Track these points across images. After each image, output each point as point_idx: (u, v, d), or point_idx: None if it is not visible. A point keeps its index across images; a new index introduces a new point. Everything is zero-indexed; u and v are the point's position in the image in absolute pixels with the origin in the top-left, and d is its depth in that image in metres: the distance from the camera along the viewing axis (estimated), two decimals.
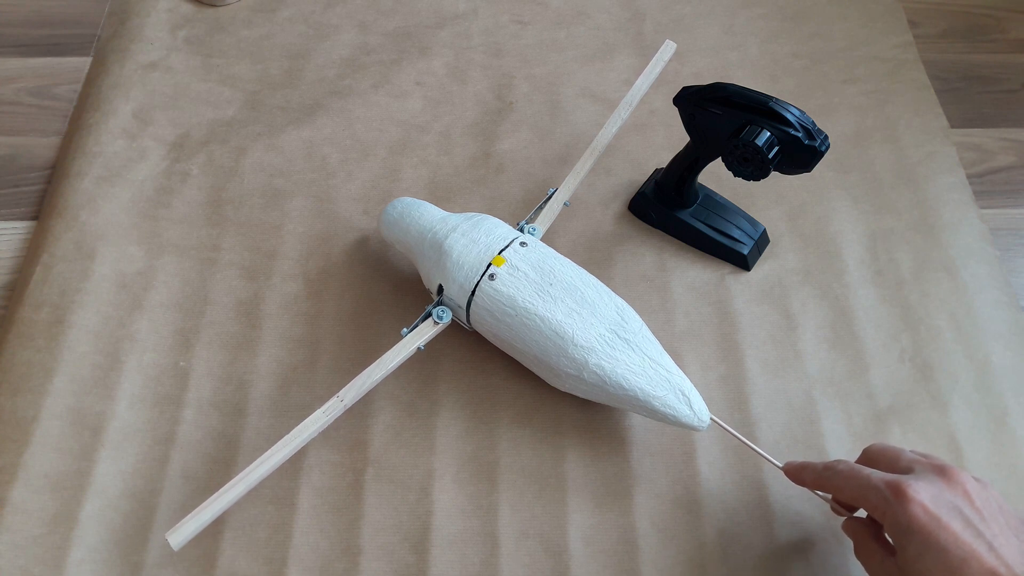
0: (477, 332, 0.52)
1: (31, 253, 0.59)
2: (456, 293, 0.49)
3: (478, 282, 0.48)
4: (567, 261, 0.50)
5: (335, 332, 0.55)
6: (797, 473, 0.45)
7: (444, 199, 0.62)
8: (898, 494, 0.37)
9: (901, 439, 0.51)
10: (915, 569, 0.36)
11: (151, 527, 0.47)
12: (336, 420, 0.51)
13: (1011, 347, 0.55)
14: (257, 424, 0.51)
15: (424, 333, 0.49)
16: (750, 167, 0.49)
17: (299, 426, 0.45)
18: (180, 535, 0.40)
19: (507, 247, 0.50)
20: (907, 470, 0.39)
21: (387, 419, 0.51)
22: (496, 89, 0.69)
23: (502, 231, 0.51)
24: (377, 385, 0.52)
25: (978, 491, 0.38)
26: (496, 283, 0.48)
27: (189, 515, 0.41)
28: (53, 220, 0.60)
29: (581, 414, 0.52)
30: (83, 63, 0.71)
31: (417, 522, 0.48)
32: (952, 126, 0.68)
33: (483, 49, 0.72)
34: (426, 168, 0.64)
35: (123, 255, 0.58)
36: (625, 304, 0.49)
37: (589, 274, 0.50)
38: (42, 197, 0.62)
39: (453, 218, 0.52)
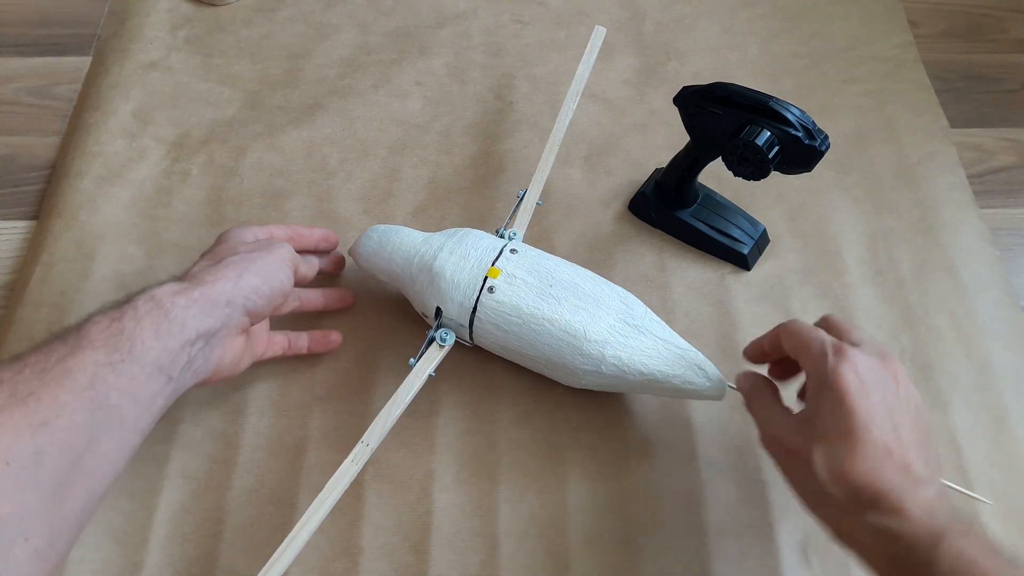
0: (480, 348, 0.51)
1: (31, 253, 0.59)
2: (456, 312, 0.48)
3: (478, 297, 0.48)
4: (560, 260, 0.50)
5: (335, 332, 0.55)
6: (754, 351, 0.47)
7: (444, 199, 0.62)
8: (838, 353, 0.39)
9: None
10: (819, 425, 0.38)
11: (151, 527, 0.47)
12: (336, 420, 0.51)
13: (1011, 347, 0.55)
14: (257, 424, 0.51)
15: (432, 358, 0.48)
16: (750, 167, 0.49)
17: (330, 482, 0.43)
18: None
19: (498, 257, 0.49)
20: (855, 344, 0.40)
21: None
22: (496, 89, 0.69)
23: (488, 242, 0.50)
24: (377, 385, 0.53)
25: (906, 384, 0.39)
26: (497, 295, 0.48)
27: None
28: (53, 220, 0.60)
29: (581, 414, 0.52)
30: (83, 63, 0.71)
31: (417, 522, 0.48)
32: (952, 126, 0.68)
33: (483, 49, 0.72)
34: (426, 168, 0.64)
35: (123, 255, 0.58)
36: (626, 292, 0.49)
37: (584, 269, 0.50)
38: (42, 197, 0.62)
39: (435, 238, 0.51)
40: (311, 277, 0.51)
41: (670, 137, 0.66)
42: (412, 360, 0.48)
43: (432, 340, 0.49)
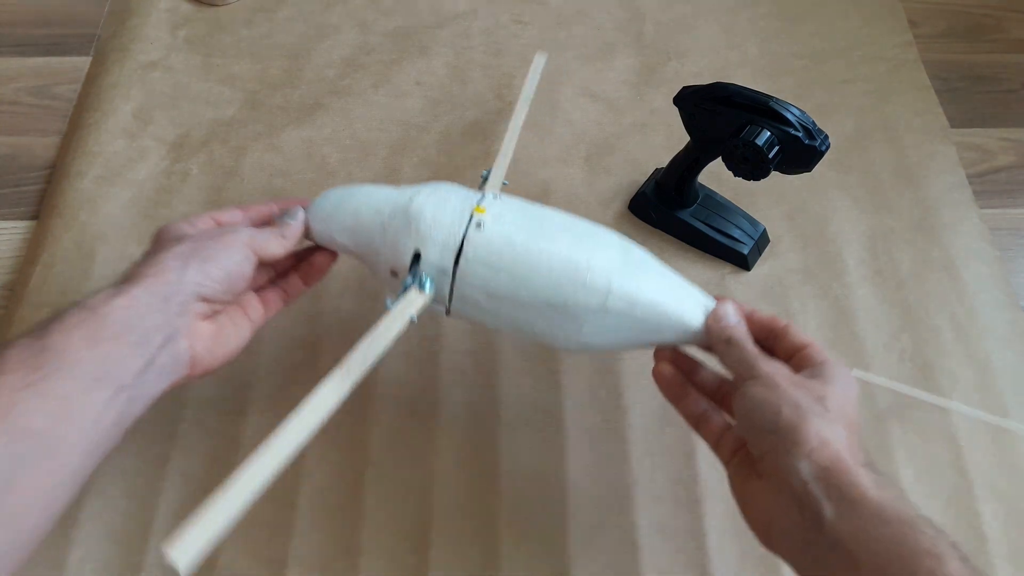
0: (465, 319, 0.45)
1: (31, 253, 0.59)
2: (439, 255, 0.43)
3: (464, 234, 0.42)
4: (548, 207, 0.46)
5: (335, 332, 0.55)
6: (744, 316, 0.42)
7: None
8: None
9: (901, 439, 0.51)
10: (748, 399, 0.37)
11: (151, 527, 0.47)
12: (336, 420, 0.51)
13: (1011, 347, 0.55)
14: (257, 424, 0.51)
15: (414, 303, 0.42)
16: (750, 167, 0.49)
17: (309, 402, 0.37)
18: (185, 553, 0.30)
19: (481, 200, 0.44)
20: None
21: (387, 419, 0.51)
22: (496, 89, 0.69)
23: (467, 191, 0.46)
24: (377, 386, 0.53)
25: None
26: (486, 231, 0.42)
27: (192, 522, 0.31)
28: (53, 220, 0.60)
29: (581, 414, 0.52)
30: (83, 63, 0.71)
31: (417, 522, 0.48)
32: (952, 126, 0.68)
33: (483, 49, 0.72)
34: (426, 168, 0.64)
35: (123, 255, 0.58)
36: (623, 235, 0.45)
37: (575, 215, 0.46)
38: (42, 197, 0.62)
39: (406, 188, 0.46)
40: (283, 251, 0.44)
41: (670, 137, 0.66)
42: (389, 301, 0.42)
43: (408, 288, 0.43)
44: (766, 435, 0.36)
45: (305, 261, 0.48)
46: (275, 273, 0.48)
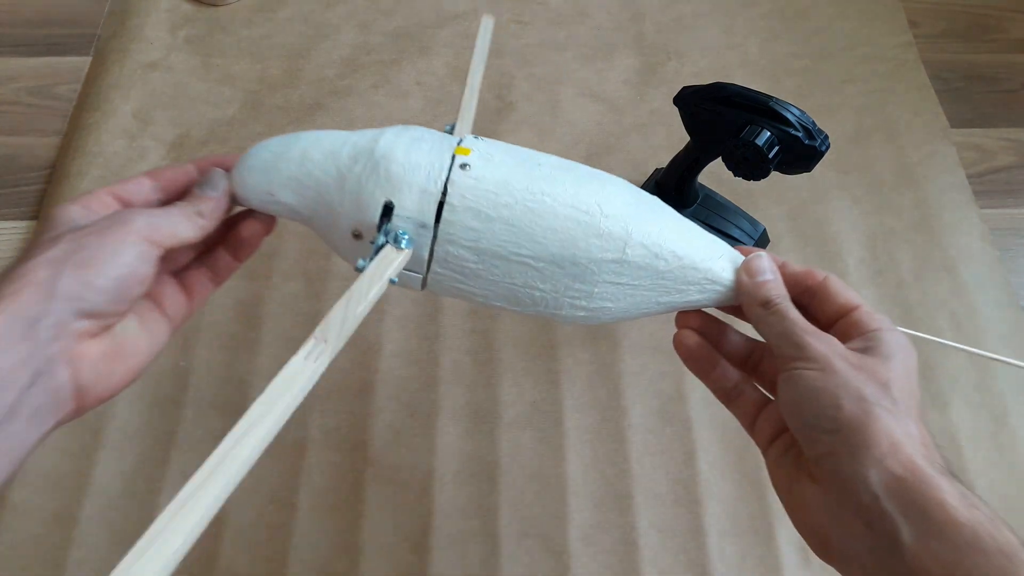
0: (444, 291, 0.37)
1: None
2: (417, 204, 0.34)
3: (448, 178, 0.34)
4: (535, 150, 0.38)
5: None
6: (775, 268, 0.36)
7: None
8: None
9: None
10: (798, 386, 0.31)
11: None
12: (336, 420, 0.51)
13: (1011, 347, 0.55)
14: None
15: (392, 262, 0.34)
16: (750, 167, 0.49)
17: (278, 379, 0.31)
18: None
19: (462, 141, 0.37)
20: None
21: (387, 419, 0.51)
22: (496, 89, 0.69)
23: (440, 133, 0.38)
24: (377, 385, 0.52)
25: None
26: (474, 172, 0.35)
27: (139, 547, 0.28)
28: None
29: (581, 414, 0.52)
30: (83, 63, 0.71)
31: (417, 522, 0.48)
32: (952, 126, 0.68)
33: None
34: None
35: None
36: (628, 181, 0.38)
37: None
38: (42, 197, 0.62)
39: (367, 131, 0.37)
40: (198, 234, 0.34)
41: (670, 137, 0.66)
42: (361, 261, 0.34)
43: (382, 246, 0.34)
44: (823, 435, 0.30)
45: (233, 231, 0.38)
46: (202, 247, 0.38)
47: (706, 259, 0.35)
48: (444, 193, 0.34)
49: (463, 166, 0.35)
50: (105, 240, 0.31)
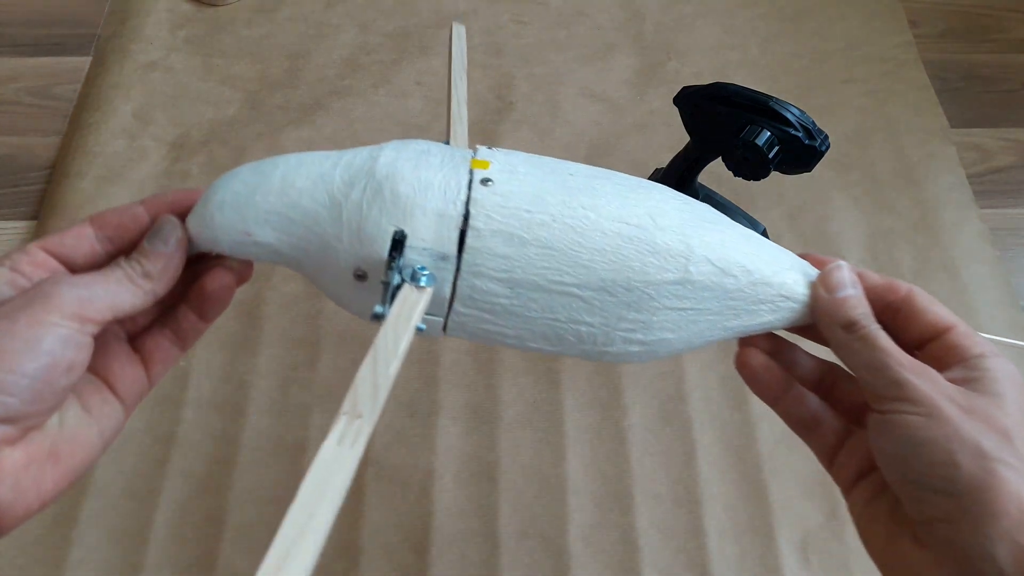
0: (469, 335, 0.31)
1: None
2: (433, 231, 0.29)
3: (468, 196, 0.29)
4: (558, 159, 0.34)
5: (335, 332, 0.55)
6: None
7: None
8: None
9: None
10: (899, 435, 0.26)
11: (151, 527, 0.47)
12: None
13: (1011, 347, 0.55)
14: (257, 424, 0.51)
15: (415, 304, 0.28)
16: (750, 167, 0.49)
17: (310, 478, 0.25)
18: None
19: (476, 152, 0.32)
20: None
21: (387, 419, 0.51)
22: (496, 89, 0.69)
23: (447, 145, 0.33)
24: None
25: None
26: (498, 187, 0.29)
27: None
28: (53, 220, 0.60)
29: (581, 414, 0.52)
30: (83, 63, 0.71)
31: (417, 522, 0.48)
32: (952, 126, 0.68)
33: (483, 49, 0.72)
34: None
35: None
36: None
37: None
38: (42, 197, 0.62)
39: (360, 148, 0.31)
40: (146, 300, 0.28)
41: (670, 137, 0.66)
42: (379, 307, 0.28)
43: (399, 286, 0.28)
44: (935, 495, 0.25)
45: (195, 286, 0.31)
46: (160, 307, 0.31)
47: (778, 272, 0.30)
48: (466, 216, 0.29)
49: (484, 181, 0.29)
50: (16, 326, 0.25)
